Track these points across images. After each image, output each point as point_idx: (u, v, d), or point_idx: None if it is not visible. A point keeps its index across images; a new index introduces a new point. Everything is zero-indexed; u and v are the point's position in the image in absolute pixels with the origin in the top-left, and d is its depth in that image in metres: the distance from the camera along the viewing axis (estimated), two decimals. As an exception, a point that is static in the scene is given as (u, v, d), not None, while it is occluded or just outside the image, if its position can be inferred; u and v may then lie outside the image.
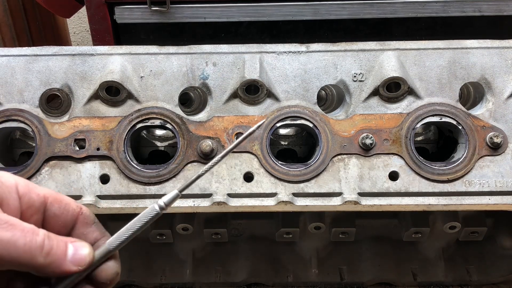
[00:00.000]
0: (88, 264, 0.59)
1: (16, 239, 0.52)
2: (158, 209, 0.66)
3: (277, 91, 1.26)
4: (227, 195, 1.23)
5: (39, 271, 0.55)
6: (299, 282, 1.68)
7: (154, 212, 0.66)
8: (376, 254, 1.68)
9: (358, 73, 1.27)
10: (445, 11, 1.65)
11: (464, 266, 1.68)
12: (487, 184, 1.23)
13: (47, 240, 0.55)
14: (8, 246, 0.51)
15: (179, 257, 1.71)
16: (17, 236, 0.52)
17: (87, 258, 0.59)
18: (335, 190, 1.23)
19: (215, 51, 1.27)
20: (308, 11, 1.64)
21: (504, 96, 1.25)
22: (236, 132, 1.25)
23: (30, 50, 1.27)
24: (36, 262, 0.53)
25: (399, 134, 1.24)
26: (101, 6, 1.62)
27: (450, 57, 1.26)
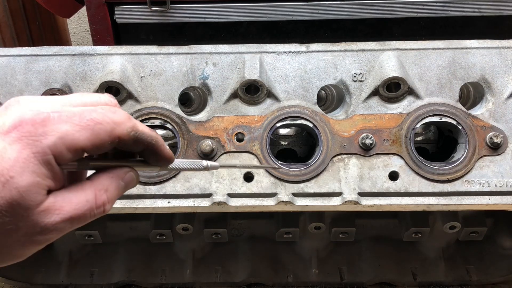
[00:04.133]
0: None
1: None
2: (204, 164, 0.75)
3: (277, 91, 1.26)
4: (227, 195, 1.23)
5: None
6: (299, 282, 1.68)
7: (200, 165, 0.75)
8: (376, 254, 1.68)
9: (358, 73, 1.27)
10: (445, 11, 1.65)
11: (464, 266, 1.68)
12: (487, 184, 1.23)
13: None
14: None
15: (179, 257, 1.71)
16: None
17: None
18: (335, 190, 1.23)
19: (215, 51, 1.27)
20: (308, 11, 1.64)
21: (504, 96, 1.25)
22: (236, 132, 1.25)
23: (30, 50, 1.27)
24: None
25: (399, 134, 1.24)
26: (101, 6, 1.62)
27: (450, 57, 1.26)
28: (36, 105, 0.56)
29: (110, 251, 1.70)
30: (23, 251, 0.58)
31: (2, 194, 0.51)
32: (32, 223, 0.54)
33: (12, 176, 0.51)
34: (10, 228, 0.53)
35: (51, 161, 0.54)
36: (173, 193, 1.24)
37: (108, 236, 1.66)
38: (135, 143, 0.62)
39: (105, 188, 0.61)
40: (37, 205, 0.53)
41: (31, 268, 1.68)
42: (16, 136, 0.53)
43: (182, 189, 1.24)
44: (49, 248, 1.69)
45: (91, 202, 0.59)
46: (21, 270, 1.67)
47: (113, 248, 1.70)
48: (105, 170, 0.63)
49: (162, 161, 0.68)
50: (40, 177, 0.53)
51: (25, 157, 0.52)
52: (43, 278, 1.68)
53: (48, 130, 0.54)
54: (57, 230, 0.56)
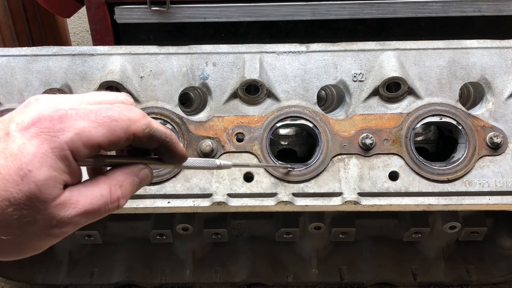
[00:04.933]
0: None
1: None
2: (217, 163, 0.78)
3: (277, 91, 1.26)
4: (227, 195, 1.23)
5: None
6: (299, 282, 1.68)
7: (213, 164, 0.78)
8: (376, 254, 1.68)
9: (358, 73, 1.27)
10: (445, 11, 1.65)
11: (464, 266, 1.68)
12: (487, 184, 1.23)
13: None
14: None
15: (179, 257, 1.71)
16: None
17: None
18: (335, 190, 1.23)
19: (215, 51, 1.27)
20: (308, 11, 1.64)
21: (504, 96, 1.25)
22: (236, 132, 1.25)
23: (30, 50, 1.27)
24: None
25: (399, 134, 1.24)
26: (101, 6, 1.62)
27: (450, 57, 1.26)
28: (54, 102, 0.58)
29: (110, 251, 1.70)
30: (40, 244, 0.59)
31: (20, 187, 0.53)
32: (48, 216, 0.56)
33: (31, 170, 0.53)
34: (27, 221, 0.55)
35: (68, 157, 0.56)
36: (173, 193, 1.24)
37: (108, 236, 1.66)
38: (150, 140, 0.64)
39: (119, 183, 0.63)
40: (53, 199, 0.55)
41: (31, 268, 1.68)
42: (35, 131, 0.55)
43: (182, 189, 1.24)
44: (49, 248, 1.68)
45: (105, 197, 0.60)
46: (21, 270, 1.67)
47: (113, 248, 1.70)
48: (120, 166, 0.65)
49: (176, 159, 0.69)
50: (57, 172, 0.55)
51: (43, 152, 0.54)
52: (43, 278, 1.68)
53: (66, 126, 0.56)
54: (72, 224, 0.58)
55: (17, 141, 0.54)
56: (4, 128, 0.56)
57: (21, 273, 1.66)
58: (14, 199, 0.53)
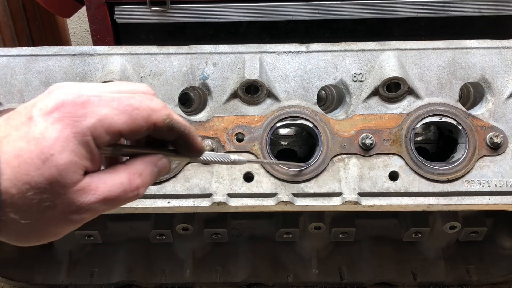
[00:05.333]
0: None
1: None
2: (232, 158, 0.80)
3: (277, 91, 1.26)
4: (227, 195, 1.23)
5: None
6: (299, 282, 1.68)
7: (228, 159, 0.79)
8: (376, 254, 1.68)
9: (358, 73, 1.27)
10: (445, 11, 1.65)
11: (464, 266, 1.68)
12: (487, 184, 1.23)
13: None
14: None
15: (179, 257, 1.71)
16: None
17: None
18: (335, 190, 1.23)
19: (215, 51, 1.27)
20: (308, 11, 1.64)
21: (504, 96, 1.25)
22: (236, 132, 1.25)
23: (30, 50, 1.27)
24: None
25: (399, 134, 1.24)
26: (101, 6, 1.62)
27: (450, 57, 1.26)
28: (77, 89, 0.59)
29: (110, 251, 1.70)
30: (58, 230, 0.59)
31: (41, 171, 0.53)
32: (68, 201, 0.55)
33: (52, 154, 0.53)
34: (47, 205, 0.54)
35: (90, 142, 0.56)
36: (173, 193, 1.24)
37: (108, 236, 1.66)
38: (169, 131, 0.64)
39: (139, 172, 0.63)
40: (73, 184, 0.55)
41: (31, 268, 1.68)
42: (58, 116, 0.55)
43: (182, 189, 1.24)
44: (49, 248, 1.69)
45: (125, 185, 0.60)
46: (21, 270, 1.67)
47: (113, 248, 1.70)
48: (139, 156, 0.65)
49: (194, 152, 0.70)
50: (78, 157, 0.55)
51: (65, 136, 0.54)
52: (43, 278, 1.68)
53: (88, 112, 0.56)
54: (91, 210, 0.58)
55: (39, 125, 0.54)
56: (26, 113, 0.56)
57: (21, 273, 1.66)
58: (35, 183, 0.53)
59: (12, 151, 0.53)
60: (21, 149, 0.53)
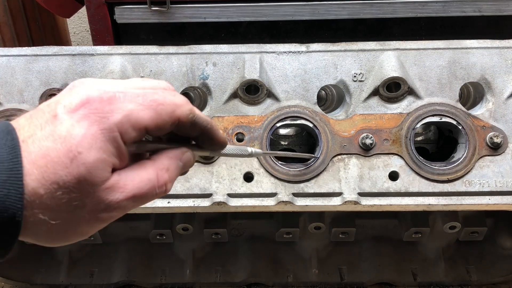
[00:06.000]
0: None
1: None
2: (249, 151, 0.80)
3: (277, 91, 1.26)
4: (227, 195, 1.23)
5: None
6: (299, 282, 1.68)
7: (246, 152, 0.80)
8: (376, 254, 1.68)
9: (358, 73, 1.27)
10: (445, 11, 1.65)
11: (464, 266, 1.68)
12: (487, 184, 1.23)
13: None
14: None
15: (179, 257, 1.71)
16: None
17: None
18: (335, 190, 1.23)
19: (215, 51, 1.27)
20: (308, 11, 1.64)
21: (504, 96, 1.25)
22: (236, 132, 1.25)
23: (30, 50, 1.27)
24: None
25: (399, 134, 1.24)
26: (101, 6, 1.62)
27: (450, 57, 1.26)
28: (101, 85, 0.58)
29: (110, 251, 1.70)
30: (88, 229, 0.58)
31: (70, 170, 0.52)
32: (97, 200, 0.54)
33: (80, 152, 0.52)
34: (76, 205, 0.53)
35: (117, 139, 0.55)
36: (173, 193, 1.24)
37: (108, 236, 1.66)
38: (192, 126, 0.63)
39: (166, 167, 0.62)
40: (102, 182, 0.54)
41: (31, 268, 1.68)
42: (84, 113, 0.54)
43: (182, 189, 1.24)
44: (49, 248, 1.69)
45: (153, 181, 0.59)
46: (21, 270, 1.67)
47: (113, 248, 1.70)
48: (164, 150, 0.64)
49: (217, 146, 0.70)
50: (106, 154, 0.54)
51: (92, 133, 0.53)
52: (43, 278, 1.68)
53: (115, 108, 0.55)
54: (120, 208, 0.57)
55: (65, 123, 0.53)
56: (51, 111, 0.54)
57: (21, 273, 1.66)
58: (63, 182, 0.52)
59: (38, 150, 0.52)
60: (48, 148, 0.52)
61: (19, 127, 0.54)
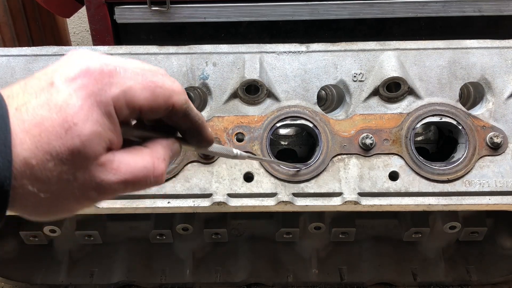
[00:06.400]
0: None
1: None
2: (234, 153, 0.80)
3: (277, 91, 1.26)
4: (227, 195, 1.23)
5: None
6: (299, 282, 1.68)
7: (231, 153, 0.80)
8: (376, 254, 1.68)
9: (358, 73, 1.27)
10: (445, 11, 1.65)
11: (464, 266, 1.68)
12: (487, 184, 1.23)
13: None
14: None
15: (179, 257, 1.71)
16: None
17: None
18: (335, 190, 1.23)
19: (215, 51, 1.27)
20: (308, 11, 1.64)
21: (504, 96, 1.25)
22: (236, 132, 1.25)
23: (30, 50, 1.27)
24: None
25: (399, 134, 1.24)
26: (101, 6, 1.62)
27: (450, 57, 1.26)
28: (101, 57, 0.56)
29: (110, 251, 1.70)
30: (75, 206, 0.56)
31: (64, 141, 0.50)
32: (88, 175, 0.53)
33: (76, 123, 0.50)
34: (67, 178, 0.52)
35: (113, 114, 0.53)
36: (173, 193, 1.24)
37: (108, 236, 1.66)
38: (184, 118, 0.62)
39: (163, 157, 0.60)
40: (96, 157, 0.52)
41: (31, 268, 1.68)
42: (82, 83, 0.52)
43: (182, 189, 1.24)
44: (49, 248, 1.69)
45: (148, 169, 0.58)
46: (21, 270, 1.67)
47: (113, 248, 1.70)
48: (157, 139, 0.62)
49: (204, 142, 0.68)
50: (102, 128, 0.52)
51: (89, 105, 0.51)
52: (43, 278, 1.68)
53: (114, 81, 0.54)
54: (110, 190, 0.55)
55: (62, 92, 0.51)
56: (47, 79, 0.52)
57: (21, 273, 1.66)
58: (56, 153, 0.50)
59: (32, 119, 0.50)
60: (42, 117, 0.50)
61: (12, 95, 0.52)
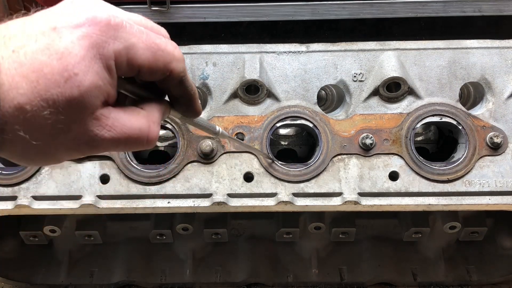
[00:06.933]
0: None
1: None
2: (217, 130, 0.79)
3: (277, 91, 1.26)
4: (227, 195, 1.23)
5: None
6: (299, 282, 1.68)
7: (214, 129, 0.79)
8: (376, 254, 1.68)
9: (358, 73, 1.26)
10: (445, 11, 1.64)
11: (464, 266, 1.68)
12: (487, 184, 1.23)
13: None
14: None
15: (179, 257, 1.71)
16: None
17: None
18: (335, 190, 1.23)
19: (215, 51, 1.27)
20: (308, 11, 1.63)
21: (504, 96, 1.25)
22: (236, 132, 1.25)
23: (30, 50, 1.27)
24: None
25: (399, 134, 1.24)
26: (101, 6, 1.62)
27: (450, 57, 1.26)
28: (109, 8, 0.54)
29: (110, 251, 1.70)
30: (65, 156, 0.55)
31: (62, 90, 0.48)
32: (83, 128, 0.52)
33: (76, 73, 0.49)
34: (61, 128, 0.50)
35: (113, 68, 0.52)
36: (173, 193, 1.23)
37: (108, 236, 1.66)
38: (178, 85, 0.62)
39: (158, 121, 0.60)
40: (92, 110, 0.51)
41: (31, 268, 1.68)
42: (87, 32, 0.50)
43: (182, 189, 1.23)
44: (49, 248, 1.69)
45: (143, 132, 0.57)
46: (21, 270, 1.67)
47: (113, 248, 1.70)
48: (153, 102, 0.61)
49: (192, 113, 0.68)
50: (102, 81, 0.51)
51: (91, 56, 0.50)
52: (43, 278, 1.68)
53: (119, 35, 0.52)
54: (102, 146, 0.54)
55: (64, 38, 0.49)
56: (49, 22, 0.50)
57: (21, 273, 1.66)
58: (53, 102, 0.48)
59: (31, 64, 0.47)
60: (42, 63, 0.47)
61: (10, 35, 0.49)
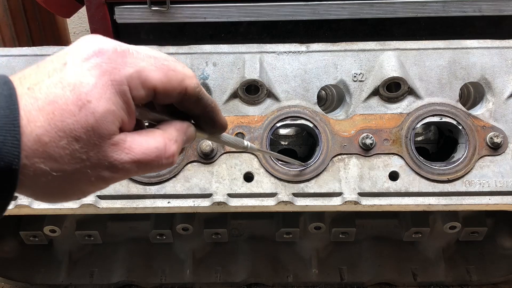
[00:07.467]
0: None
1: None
2: (245, 144, 0.82)
3: (277, 91, 1.26)
4: (227, 195, 1.23)
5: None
6: (299, 282, 1.68)
7: (242, 143, 0.81)
8: (376, 254, 1.68)
9: (358, 73, 1.27)
10: (445, 11, 1.64)
11: (464, 266, 1.68)
12: (487, 184, 1.23)
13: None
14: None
15: (179, 257, 1.71)
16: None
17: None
18: (335, 190, 1.23)
19: (215, 51, 1.27)
20: (308, 11, 1.64)
21: (504, 96, 1.25)
22: (236, 132, 1.25)
23: (30, 50, 1.27)
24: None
25: (399, 134, 1.24)
26: (101, 6, 1.62)
27: (450, 57, 1.26)
28: (113, 41, 0.56)
29: (110, 251, 1.70)
30: (88, 187, 0.56)
31: (77, 118, 0.50)
32: (102, 154, 0.53)
33: (90, 100, 0.50)
34: (80, 157, 0.51)
35: (127, 93, 0.54)
36: (173, 193, 1.24)
37: (108, 236, 1.66)
38: (197, 102, 0.62)
39: (175, 139, 0.60)
40: (109, 136, 0.52)
41: (31, 268, 1.68)
42: (96, 62, 0.52)
43: (182, 189, 1.24)
44: (49, 248, 1.69)
45: (160, 150, 0.58)
46: (21, 270, 1.67)
47: (113, 248, 1.70)
48: (171, 122, 0.62)
49: (217, 128, 0.68)
50: (115, 107, 0.52)
51: (103, 83, 0.52)
52: (43, 278, 1.68)
53: (127, 61, 0.54)
54: (123, 170, 0.55)
55: (75, 70, 0.51)
56: (60, 60, 0.53)
57: (21, 273, 1.66)
58: (70, 131, 0.50)
59: (46, 97, 0.50)
60: (56, 95, 0.50)
61: (24, 77, 0.52)
